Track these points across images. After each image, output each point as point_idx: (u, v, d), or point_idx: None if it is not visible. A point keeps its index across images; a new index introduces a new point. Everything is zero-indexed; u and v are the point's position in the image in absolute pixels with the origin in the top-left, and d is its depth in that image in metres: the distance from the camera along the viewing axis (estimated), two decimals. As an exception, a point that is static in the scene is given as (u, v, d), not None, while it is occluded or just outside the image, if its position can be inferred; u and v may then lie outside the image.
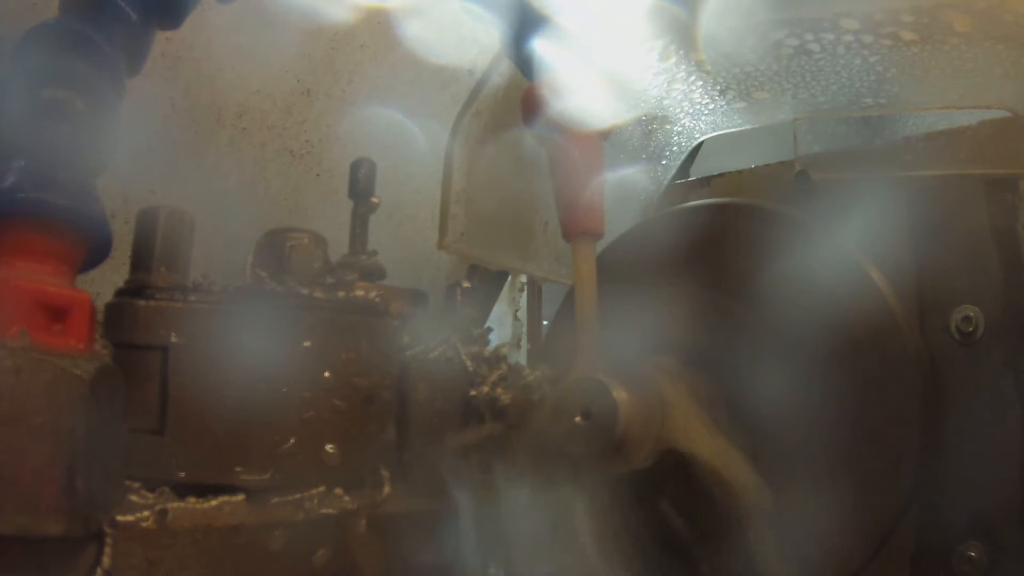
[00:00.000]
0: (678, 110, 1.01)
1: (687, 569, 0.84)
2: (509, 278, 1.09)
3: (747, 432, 0.81)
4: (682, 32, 0.90)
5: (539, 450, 0.76)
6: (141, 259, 0.67)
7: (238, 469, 0.64)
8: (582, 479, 0.76)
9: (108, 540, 0.58)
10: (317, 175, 1.01)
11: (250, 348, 0.65)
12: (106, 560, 0.58)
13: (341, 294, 0.71)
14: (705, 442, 0.78)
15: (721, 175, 0.97)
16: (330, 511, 0.66)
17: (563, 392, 0.76)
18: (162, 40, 0.71)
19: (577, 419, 0.74)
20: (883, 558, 0.77)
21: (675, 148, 1.06)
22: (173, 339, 0.64)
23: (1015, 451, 0.73)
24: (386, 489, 0.68)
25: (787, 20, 0.85)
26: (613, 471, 0.77)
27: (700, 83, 0.97)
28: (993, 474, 0.74)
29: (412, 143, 0.97)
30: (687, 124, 1.04)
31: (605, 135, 0.79)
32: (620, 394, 0.73)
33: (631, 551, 0.83)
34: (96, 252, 0.65)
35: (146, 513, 0.60)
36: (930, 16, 0.81)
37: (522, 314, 1.13)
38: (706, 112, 1.01)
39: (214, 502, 0.63)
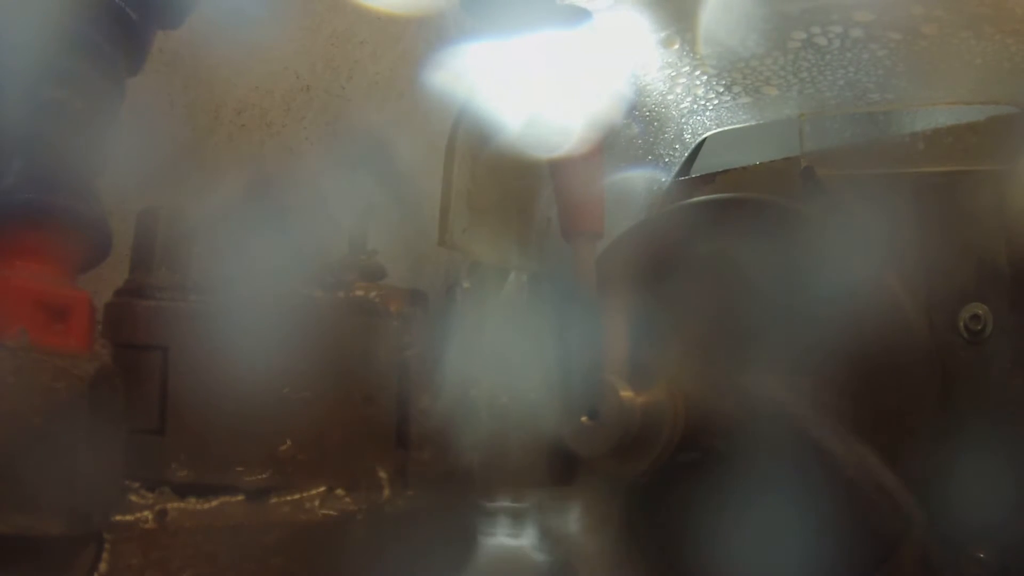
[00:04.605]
0: (682, 105, 1.00)
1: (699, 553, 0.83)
2: (512, 276, 1.08)
3: (752, 428, 0.80)
4: (687, 21, 0.89)
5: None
6: (141, 259, 0.67)
7: (238, 469, 0.64)
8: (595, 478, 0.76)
9: (107, 540, 0.59)
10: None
11: (250, 348, 0.65)
12: (105, 560, 0.58)
13: (341, 294, 0.71)
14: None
15: (725, 171, 0.96)
16: (331, 512, 0.66)
17: (569, 392, 0.75)
18: (160, 36, 0.71)
19: (583, 419, 0.74)
20: (891, 560, 0.76)
21: (678, 145, 1.05)
22: (173, 339, 0.64)
23: (1025, 450, 0.72)
24: (386, 491, 0.68)
25: (796, 11, 0.84)
26: (624, 472, 0.77)
27: (704, 77, 0.96)
28: (1003, 474, 0.73)
29: (412, 140, 0.97)
30: (691, 120, 1.03)
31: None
32: (628, 393, 0.73)
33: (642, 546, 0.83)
34: (96, 252, 0.64)
35: (146, 513, 0.61)
36: (941, 8, 0.80)
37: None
38: (710, 108, 1.00)
39: (214, 502, 0.63)
